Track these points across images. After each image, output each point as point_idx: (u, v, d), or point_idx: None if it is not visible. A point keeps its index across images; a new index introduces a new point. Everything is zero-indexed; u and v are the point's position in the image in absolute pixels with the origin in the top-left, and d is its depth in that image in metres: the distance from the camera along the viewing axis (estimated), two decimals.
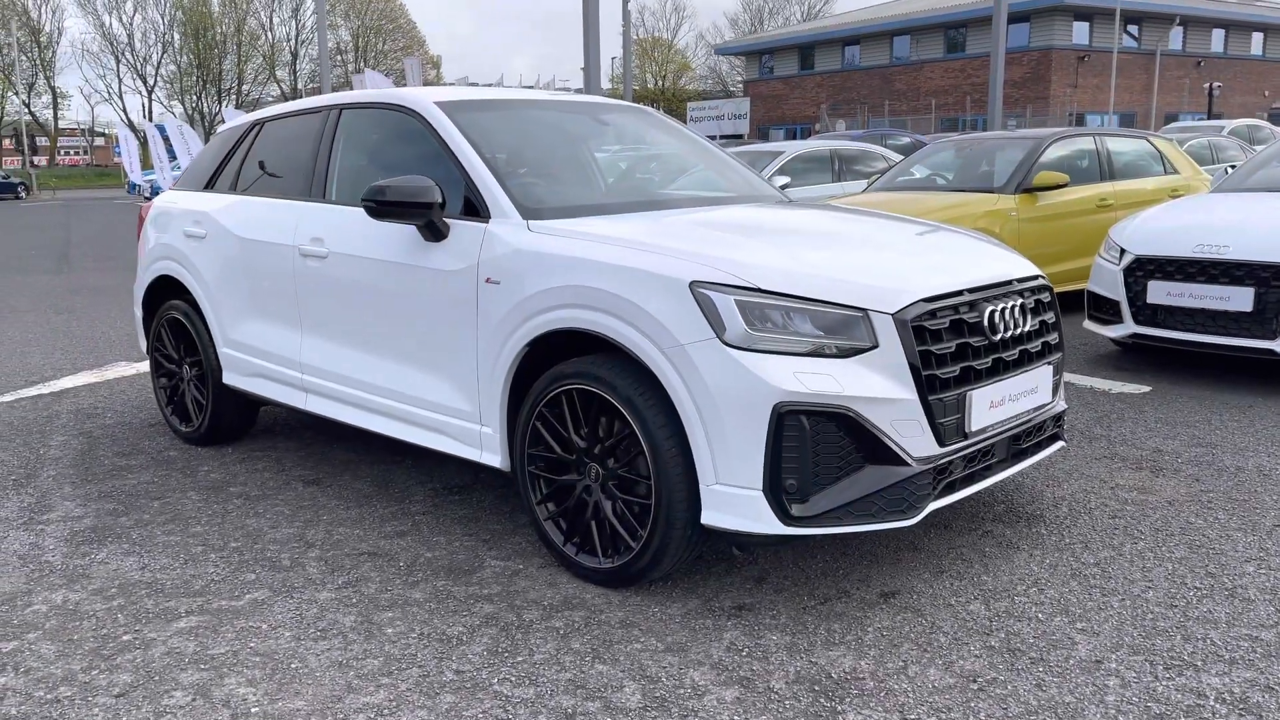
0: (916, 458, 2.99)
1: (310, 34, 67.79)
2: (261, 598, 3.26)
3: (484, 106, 4.13)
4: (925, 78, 45.06)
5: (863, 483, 2.95)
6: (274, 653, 2.88)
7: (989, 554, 3.48)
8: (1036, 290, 3.53)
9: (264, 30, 67.95)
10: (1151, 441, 4.74)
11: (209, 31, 63.07)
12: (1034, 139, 8.62)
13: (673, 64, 79.68)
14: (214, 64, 62.60)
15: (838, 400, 2.88)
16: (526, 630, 2.99)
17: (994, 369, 3.23)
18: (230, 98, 64.08)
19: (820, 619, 3.03)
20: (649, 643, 2.90)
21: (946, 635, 2.91)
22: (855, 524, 2.95)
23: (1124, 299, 6.18)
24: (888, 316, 2.97)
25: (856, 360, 2.95)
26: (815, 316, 2.95)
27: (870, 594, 3.19)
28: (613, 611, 3.10)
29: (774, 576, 3.33)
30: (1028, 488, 4.14)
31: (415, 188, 3.54)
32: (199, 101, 64.95)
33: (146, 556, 3.62)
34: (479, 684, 2.68)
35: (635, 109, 4.82)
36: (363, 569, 3.47)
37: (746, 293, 2.94)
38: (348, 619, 3.09)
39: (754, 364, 2.88)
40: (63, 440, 5.23)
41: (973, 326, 3.17)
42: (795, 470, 2.88)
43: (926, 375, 2.99)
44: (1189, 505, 3.91)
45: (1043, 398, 3.47)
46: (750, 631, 2.95)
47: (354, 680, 2.72)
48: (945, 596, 3.16)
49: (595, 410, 3.19)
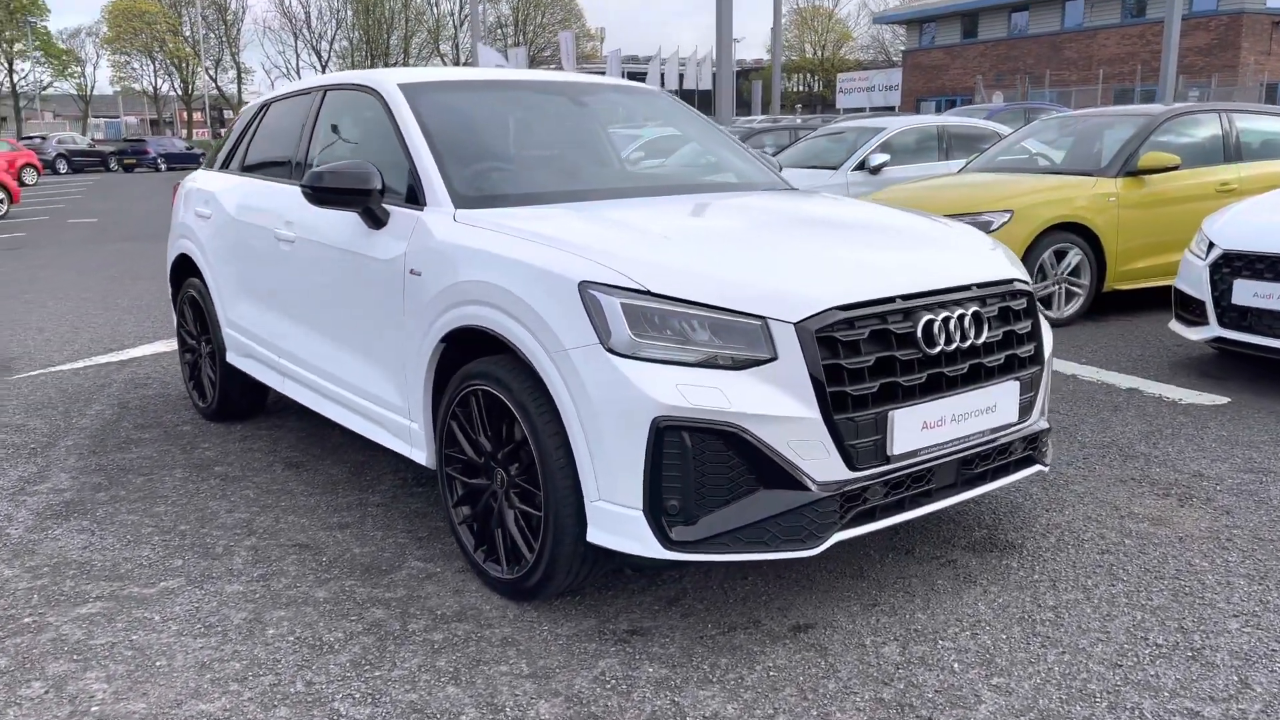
0: (819, 482, 2.70)
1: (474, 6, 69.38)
2: (174, 586, 3.26)
3: (450, 88, 3.99)
4: (1099, 45, 42.25)
5: (755, 507, 2.68)
6: (149, 647, 2.87)
7: (939, 588, 3.15)
8: (1008, 296, 3.14)
9: (429, 5, 69.95)
10: (1196, 464, 4.21)
11: (377, 7, 65.35)
12: (1146, 115, 7.86)
13: (833, 33, 77.66)
14: (381, 39, 64.87)
15: (724, 416, 2.62)
16: (402, 641, 2.87)
17: (931, 386, 2.88)
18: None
19: (711, 651, 2.79)
20: (517, 665, 2.73)
21: (839, 682, 2.63)
22: (745, 552, 2.69)
23: (1209, 298, 5.54)
24: (789, 325, 2.68)
25: (752, 373, 2.67)
26: (709, 324, 2.69)
27: (782, 626, 2.92)
28: (501, 627, 2.95)
29: (689, 598, 3.10)
30: (1024, 511, 3.74)
31: (353, 174, 3.44)
32: None
33: (97, 535, 3.70)
34: (320, 699, 2.58)
35: (635, 89, 4.58)
36: (285, 562, 3.43)
37: (635, 295, 2.71)
38: (239, 616, 3.05)
39: (635, 374, 2.65)
40: (98, 410, 5.45)
41: (903, 338, 2.83)
42: (677, 491, 2.65)
43: (834, 392, 2.69)
44: (1201, 543, 3.44)
45: (1004, 418, 3.08)
46: (629, 660, 2.75)
47: (205, 684, 2.67)
48: (863, 634, 2.86)
49: (498, 413, 3.03)
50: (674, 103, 4.63)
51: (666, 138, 4.43)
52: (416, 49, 68.26)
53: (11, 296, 9.51)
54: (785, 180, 4.35)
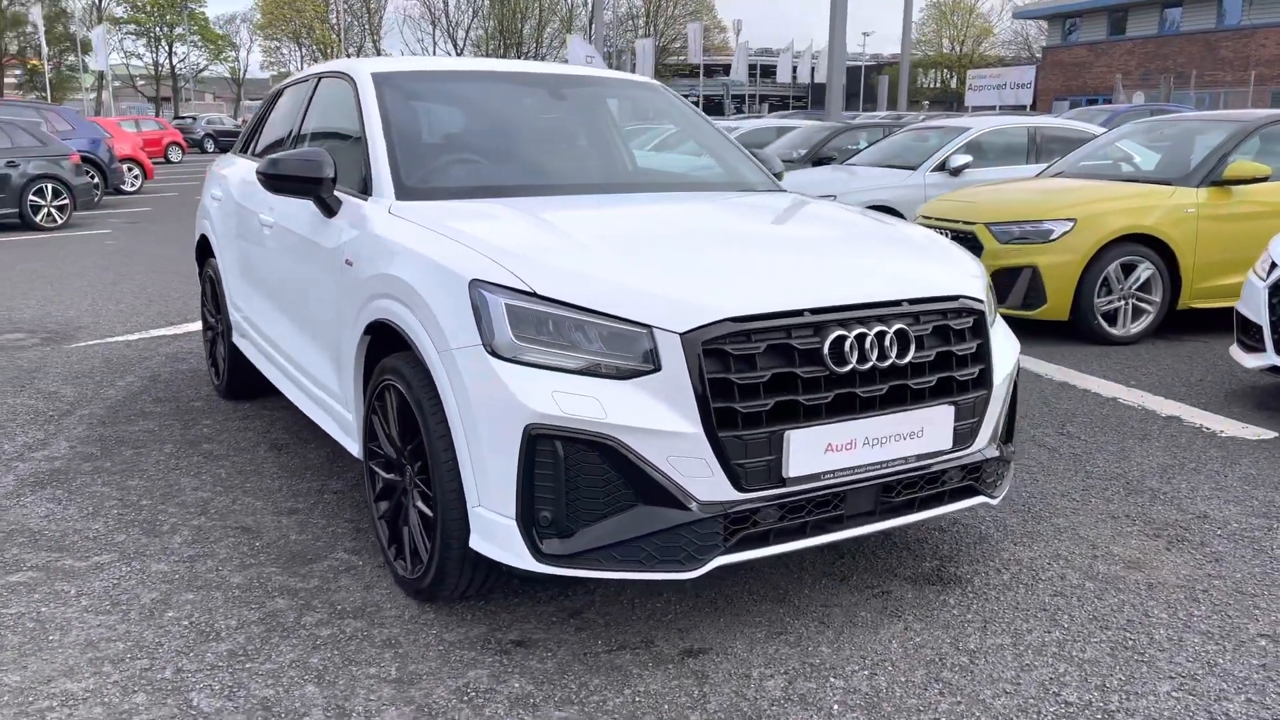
0: (701, 502, 2.56)
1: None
2: (105, 561, 3.33)
3: (424, 79, 3.96)
4: (1257, 45, 39.64)
5: (632, 524, 2.55)
6: (51, 621, 2.93)
7: (859, 620, 2.95)
8: (951, 314, 2.91)
9: None
10: (1207, 504, 3.86)
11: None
12: (1239, 121, 7.29)
13: (973, 28, 75.19)
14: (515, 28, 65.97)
15: (598, 428, 2.50)
16: (288, 635, 2.86)
17: (840, 406, 2.69)
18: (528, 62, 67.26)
19: (589, 670, 2.68)
20: (387, 669, 2.68)
21: (704, 714, 2.48)
22: (619, 570, 2.57)
23: (1266, 323, 5.08)
24: (675, 335, 2.54)
25: (635, 383, 2.55)
26: (593, 330, 2.58)
27: (674, 649, 2.79)
28: (391, 627, 2.90)
29: (592, 611, 2.99)
30: (989, 543, 3.49)
31: (304, 162, 3.45)
32: None
33: (62, 505, 3.82)
34: (180, 689, 2.59)
35: (629, 84, 4.47)
36: (221, 544, 3.47)
37: (520, 296, 2.61)
38: (149, 596, 3.09)
39: (512, 378, 2.55)
40: (128, 382, 5.66)
41: (808, 354, 2.65)
42: (550, 502, 2.55)
43: (719, 407, 2.54)
44: (1171, 592, 3.13)
45: (934, 444, 2.86)
46: (500, 673, 2.66)
47: (82, 663, 2.71)
48: (754, 665, 2.70)
49: (406, 410, 2.97)
50: (669, 98, 4.49)
51: (650, 135, 4.27)
52: (549, 38, 69.18)
53: (106, 268, 10.01)
54: (776, 183, 4.16)
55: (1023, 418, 4.98)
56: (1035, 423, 4.92)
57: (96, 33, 47.84)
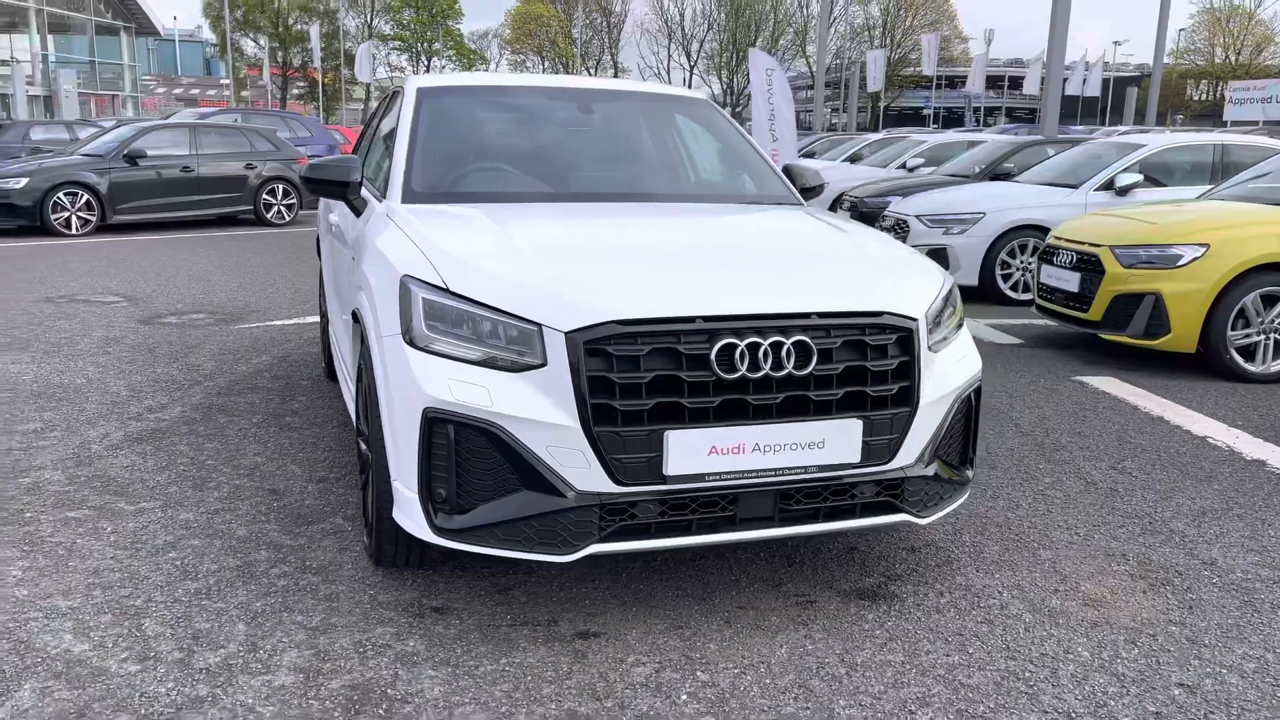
0: (579, 491, 2.73)
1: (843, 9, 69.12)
2: (148, 508, 3.86)
3: (463, 92, 4.32)
4: None
5: (514, 506, 2.77)
6: (76, 550, 3.46)
7: (765, 625, 3.01)
8: (870, 330, 2.92)
9: (800, 7, 70.55)
10: (1222, 552, 3.59)
11: (746, 10, 67.02)
12: None
13: (1252, 35, 68.84)
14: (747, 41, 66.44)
15: (484, 415, 2.73)
16: (252, 580, 3.24)
17: (729, 411, 2.78)
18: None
19: (481, 639, 2.90)
20: (311, 618, 3.00)
21: (557, 688, 2.65)
22: (502, 549, 2.79)
23: None
24: (560, 334, 2.72)
25: (524, 376, 2.75)
26: (493, 325, 2.81)
27: (570, 629, 2.97)
28: (339, 585, 3.23)
29: (521, 589, 3.21)
30: (952, 565, 3.42)
31: (335, 167, 3.87)
32: (731, 78, 69.50)
33: (144, 459, 4.42)
34: (138, 614, 3.01)
35: (665, 97, 4.64)
36: (247, 502, 3.93)
37: (436, 291, 2.88)
38: (163, 539, 3.57)
39: (418, 365, 2.83)
40: (260, 360, 6.37)
41: (695, 359, 2.75)
42: (444, 480, 2.80)
43: (597, 403, 2.70)
44: (1113, 633, 2.99)
45: (838, 456, 2.88)
46: (401, 634, 2.92)
47: (79, 586, 3.19)
48: (635, 652, 2.83)
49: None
50: (711, 114, 4.61)
51: (672, 148, 4.43)
52: (781, 50, 69.19)
53: (305, 260, 11.09)
54: (796, 197, 4.20)
55: (1081, 449, 4.75)
56: (1092, 455, 4.68)
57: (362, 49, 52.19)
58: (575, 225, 3.57)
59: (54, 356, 6.35)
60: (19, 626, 2.92)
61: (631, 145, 4.40)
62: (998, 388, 5.92)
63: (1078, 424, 5.21)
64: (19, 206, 13.47)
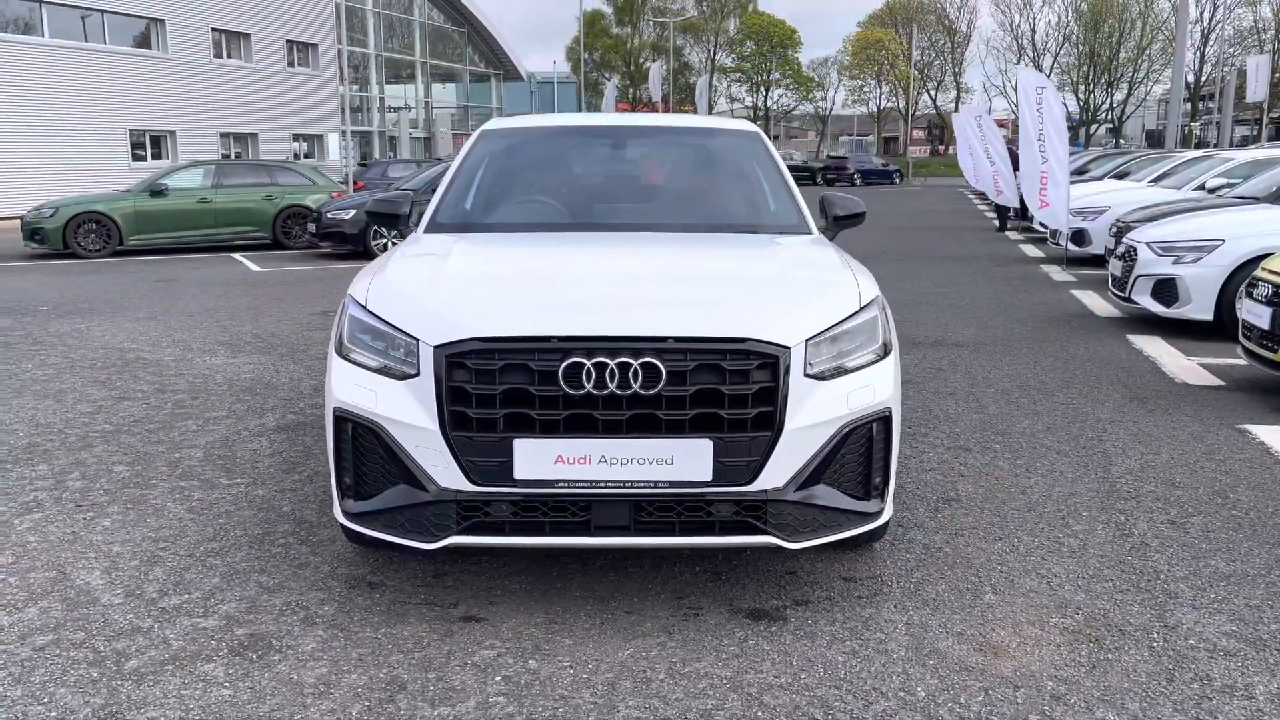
0: (439, 487, 3.08)
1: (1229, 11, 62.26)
2: (226, 483, 4.66)
3: (519, 133, 4.79)
4: None
5: (394, 497, 3.17)
6: (90, 505, 4.29)
7: (639, 629, 3.17)
8: (730, 355, 3.01)
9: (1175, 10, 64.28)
10: (1201, 620, 3.22)
11: (1107, 22, 62.14)
12: None
13: None
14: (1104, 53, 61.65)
15: (370, 415, 3.16)
16: (250, 545, 3.88)
17: (577, 424, 3.00)
18: (1122, 87, 62.50)
19: (380, 612, 3.31)
20: (271, 580, 3.57)
21: (401, 654, 3.01)
22: (385, 533, 3.20)
23: None
24: (430, 347, 3.09)
25: (406, 383, 3.15)
26: (390, 339, 3.23)
27: (463, 612, 3.30)
28: (314, 555, 3.79)
29: (452, 576, 3.59)
30: (869, 598, 3.36)
31: (390, 200, 4.50)
32: (1089, 92, 64.73)
33: (268, 444, 5.28)
34: (116, 560, 3.74)
35: (709, 130, 4.81)
36: (310, 486, 4.63)
37: (360, 309, 3.36)
38: (168, 502, 4.33)
39: (336, 370, 3.32)
40: None
41: (545, 375, 3.01)
42: (349, 470, 3.27)
43: (454, 410, 3.04)
44: (973, 679, 2.84)
45: (689, 474, 2.99)
46: (323, 599, 3.40)
47: (98, 539, 3.99)
48: (497, 636, 3.12)
49: None
50: (755, 145, 4.71)
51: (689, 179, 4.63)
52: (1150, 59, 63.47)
53: None
54: (806, 226, 4.25)
55: (1159, 500, 4.33)
56: (1165, 508, 4.25)
57: (700, 83, 54.50)
58: (536, 254, 3.92)
59: (286, 359, 7.58)
60: (71, 561, 3.76)
61: (655, 178, 4.65)
62: (1132, 430, 5.42)
63: (1185, 474, 4.69)
64: (348, 234, 15.85)
